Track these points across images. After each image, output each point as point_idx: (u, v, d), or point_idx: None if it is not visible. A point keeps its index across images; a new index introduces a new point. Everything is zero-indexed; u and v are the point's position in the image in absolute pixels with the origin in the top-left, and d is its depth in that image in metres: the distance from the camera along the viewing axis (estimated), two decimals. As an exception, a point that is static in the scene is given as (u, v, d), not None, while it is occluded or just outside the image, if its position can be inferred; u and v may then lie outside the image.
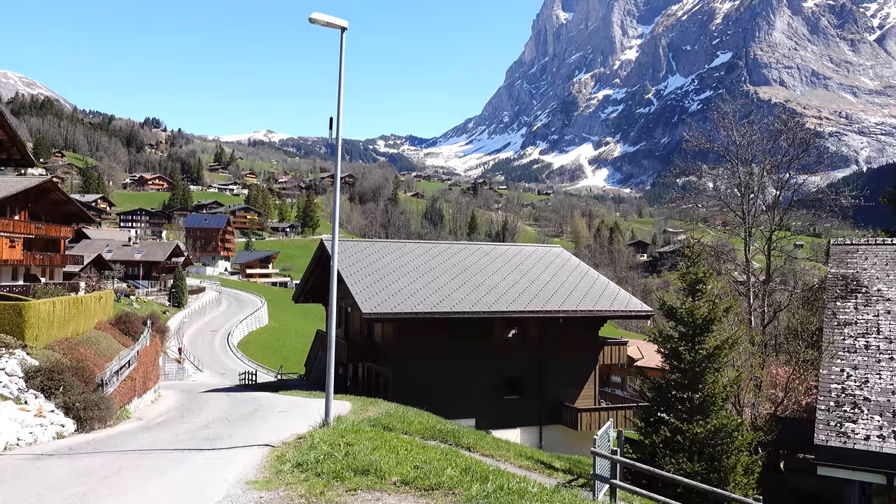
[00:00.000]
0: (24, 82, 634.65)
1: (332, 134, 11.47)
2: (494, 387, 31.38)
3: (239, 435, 13.35)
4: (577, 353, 32.79)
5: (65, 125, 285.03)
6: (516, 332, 32.98)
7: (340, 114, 11.48)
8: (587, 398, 33.25)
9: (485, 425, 30.52)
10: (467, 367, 30.62)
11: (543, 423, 32.39)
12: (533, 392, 32.08)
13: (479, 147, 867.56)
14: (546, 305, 31.45)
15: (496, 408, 31.25)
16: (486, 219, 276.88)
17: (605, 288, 34.64)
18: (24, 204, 63.18)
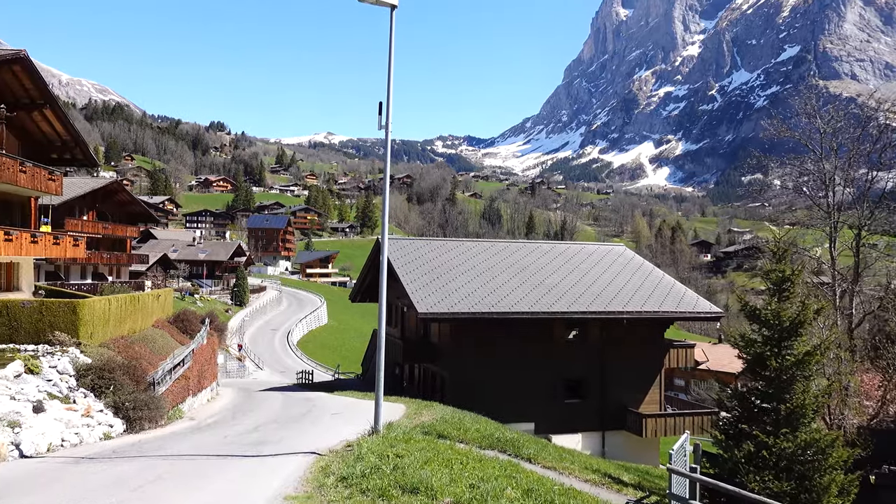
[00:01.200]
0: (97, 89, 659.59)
1: (381, 119, 10.67)
2: (554, 390, 30.27)
3: (287, 440, 12.69)
4: (641, 356, 31.37)
5: (134, 130, 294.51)
6: (577, 333, 31.77)
7: (390, 97, 10.66)
8: (652, 403, 31.78)
9: (544, 430, 29.47)
10: (526, 369, 29.61)
11: (606, 429, 31.07)
12: (595, 396, 30.83)
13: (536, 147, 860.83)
14: (609, 306, 30.15)
15: (556, 412, 30.12)
16: (544, 219, 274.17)
17: (670, 288, 33.07)
18: (92, 204, 64.79)
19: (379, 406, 10.81)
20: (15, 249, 28.81)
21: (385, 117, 10.67)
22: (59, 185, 32.92)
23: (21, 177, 29.27)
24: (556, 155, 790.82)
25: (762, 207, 27.10)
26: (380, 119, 10.64)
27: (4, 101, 29.14)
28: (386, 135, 10.68)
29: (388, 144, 10.71)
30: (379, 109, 10.63)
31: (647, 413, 30.19)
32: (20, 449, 11.26)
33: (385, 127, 10.68)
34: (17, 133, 31.84)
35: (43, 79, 30.02)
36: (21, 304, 19.14)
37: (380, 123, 10.67)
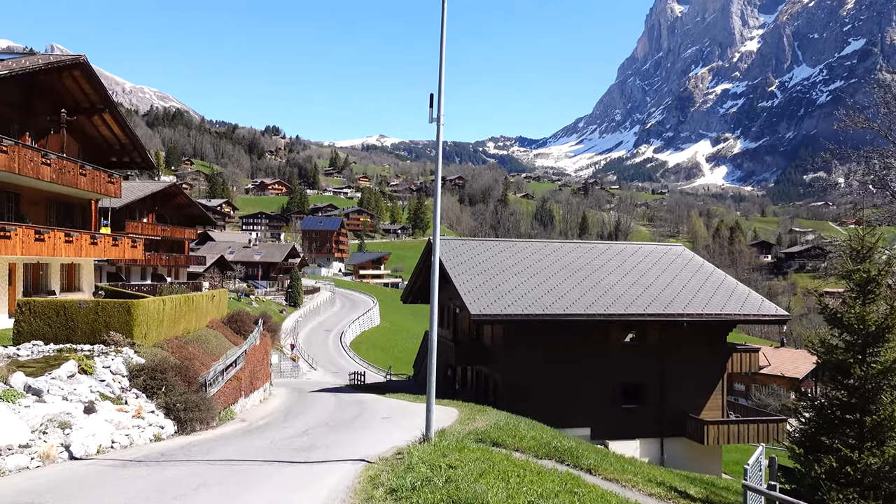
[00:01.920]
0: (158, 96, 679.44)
1: (433, 111, 10.17)
2: (611, 394, 29.39)
3: (336, 445, 12.31)
4: (702, 360, 30.21)
5: (193, 135, 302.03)
6: (634, 336, 30.80)
7: (442, 89, 10.16)
8: (714, 409, 30.57)
9: (601, 435, 28.66)
10: (582, 372, 28.82)
11: (665, 435, 30.04)
12: (653, 401, 29.82)
13: (589, 147, 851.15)
14: (668, 308, 29.12)
15: (613, 417, 29.24)
16: (597, 219, 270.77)
17: (733, 290, 31.77)
18: (152, 207, 66.26)
19: (431, 412, 10.31)
20: (75, 251, 29.36)
21: (437, 109, 10.17)
22: (117, 187, 33.50)
23: (81, 179, 29.83)
24: (610, 155, 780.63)
25: (826, 206, 25.60)
26: (431, 111, 10.15)
27: (65, 105, 29.75)
28: (437, 127, 10.18)
29: (439, 137, 10.21)
30: (430, 101, 10.14)
31: (709, 420, 29.05)
32: (70, 450, 11.14)
33: (437, 119, 10.18)
34: (78, 137, 32.51)
35: (102, 83, 30.57)
36: (77, 304, 19.32)
37: (431, 116, 10.17)
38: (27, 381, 12.91)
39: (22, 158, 25.09)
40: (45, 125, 29.68)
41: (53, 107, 29.45)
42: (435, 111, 10.20)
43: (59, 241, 27.89)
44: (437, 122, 10.19)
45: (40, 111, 29.17)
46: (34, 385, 12.80)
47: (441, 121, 10.19)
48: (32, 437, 11.08)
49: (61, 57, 27.60)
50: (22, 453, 10.27)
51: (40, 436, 11.31)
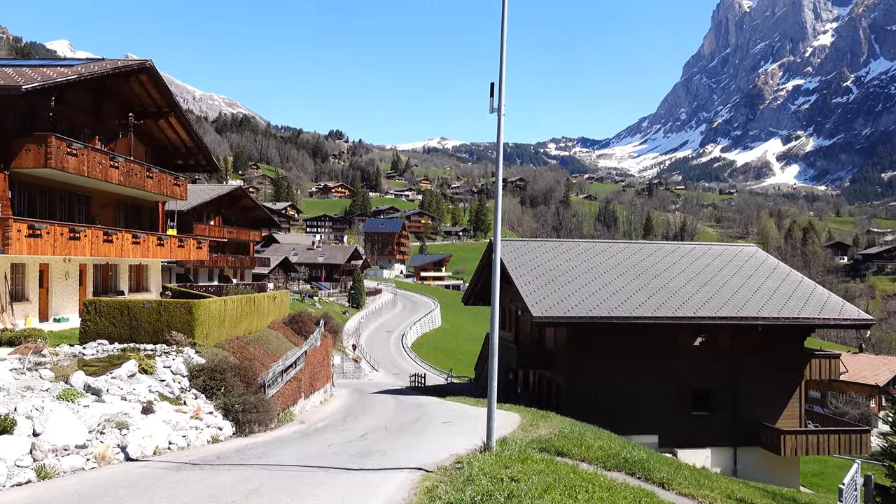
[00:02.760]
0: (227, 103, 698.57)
1: (493, 101, 9.62)
2: (680, 400, 28.24)
3: (393, 451, 11.87)
4: (778, 366, 28.76)
5: (259, 140, 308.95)
6: (704, 340, 29.56)
7: (503, 76, 9.60)
8: (791, 418, 29.04)
9: (669, 443, 27.57)
10: (649, 377, 27.78)
11: (738, 444, 28.71)
12: (725, 408, 28.54)
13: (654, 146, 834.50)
14: (740, 311, 27.81)
15: (682, 424, 28.09)
16: (662, 220, 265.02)
17: (810, 292, 30.14)
18: (218, 210, 67.67)
19: (492, 419, 9.75)
20: (142, 252, 29.90)
21: (498, 98, 9.62)
22: (183, 189, 34.05)
23: (148, 182, 30.38)
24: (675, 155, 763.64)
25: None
26: (492, 101, 9.60)
27: (133, 109, 30.36)
28: (499, 118, 9.61)
29: (500, 128, 9.64)
30: (491, 90, 9.59)
31: (786, 429, 27.59)
32: (126, 451, 11.02)
33: (497, 109, 9.62)
34: (146, 140, 33.18)
35: (168, 87, 31.09)
36: (141, 304, 19.49)
37: (492, 106, 9.62)
38: (87, 380, 12.92)
39: (91, 161, 25.66)
40: (114, 129, 30.37)
41: (122, 111, 30.11)
42: (496, 100, 9.65)
43: (127, 243, 28.46)
44: (499, 113, 9.63)
45: (109, 115, 29.86)
46: (94, 384, 12.79)
47: (502, 111, 9.63)
48: (89, 438, 11.00)
49: (129, 62, 28.17)
50: (78, 454, 10.17)
51: (97, 436, 11.23)
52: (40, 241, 22.69)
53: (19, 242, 21.63)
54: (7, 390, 11.67)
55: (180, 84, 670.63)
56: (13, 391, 11.74)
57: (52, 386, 12.59)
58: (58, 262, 26.34)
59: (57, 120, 26.14)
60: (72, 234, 24.41)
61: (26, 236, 21.99)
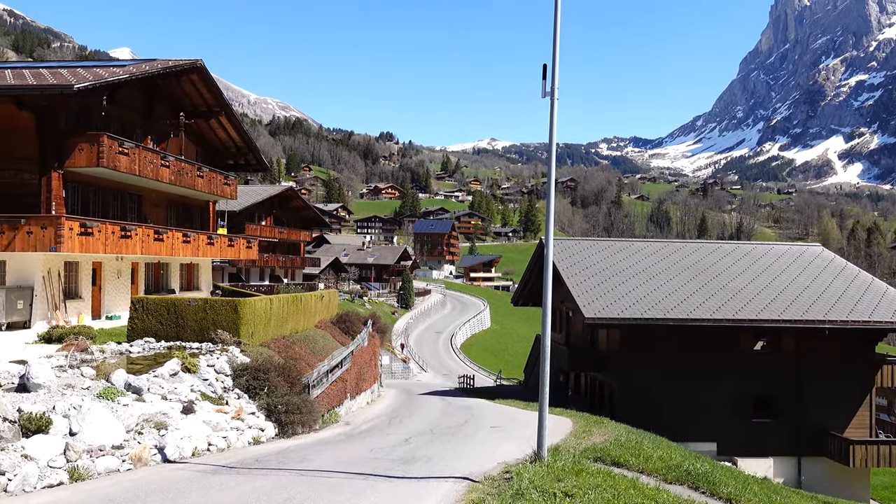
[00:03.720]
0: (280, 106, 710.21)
1: (546, 84, 8.96)
2: (740, 406, 27.03)
3: (438, 457, 11.29)
4: (846, 372, 27.27)
5: (311, 142, 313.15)
6: (766, 343, 28.25)
7: (557, 57, 8.92)
8: (860, 427, 27.48)
9: (729, 451, 26.40)
10: (707, 382, 26.65)
11: (802, 454, 27.31)
12: (789, 415, 27.20)
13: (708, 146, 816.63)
14: (806, 314, 26.45)
15: (742, 431, 26.87)
16: (717, 221, 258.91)
17: (882, 294, 28.55)
18: (270, 210, 68.33)
19: (543, 427, 9.08)
20: (192, 251, 30.04)
21: (551, 81, 8.95)
22: (233, 189, 34.18)
23: (199, 181, 30.52)
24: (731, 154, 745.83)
25: None
26: (544, 84, 8.94)
27: (183, 109, 30.54)
28: (551, 102, 8.95)
29: (553, 113, 8.96)
30: (543, 73, 8.93)
31: (856, 439, 26.07)
32: (164, 453, 10.70)
33: (550, 93, 8.96)
34: (196, 140, 33.40)
35: (218, 87, 31.20)
36: (187, 302, 19.38)
37: (544, 90, 8.96)
38: (128, 378, 12.70)
39: (142, 160, 25.82)
40: (166, 129, 30.61)
41: (173, 111, 30.32)
42: (549, 84, 8.98)
43: (177, 241, 28.61)
44: (552, 97, 8.96)
45: (161, 116, 30.10)
46: (135, 383, 12.56)
47: (556, 94, 8.95)
48: (127, 438, 10.72)
49: (179, 61, 28.30)
50: (113, 455, 9.87)
51: (135, 436, 10.95)
52: (91, 240, 22.86)
53: (71, 241, 21.81)
54: (48, 388, 11.50)
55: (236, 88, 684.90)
56: (54, 389, 11.58)
57: (92, 384, 12.40)
58: (110, 260, 26.59)
59: (109, 120, 26.39)
60: (123, 233, 24.58)
61: (78, 234, 22.17)
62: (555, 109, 8.91)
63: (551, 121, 8.98)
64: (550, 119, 8.97)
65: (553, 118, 8.99)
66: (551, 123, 9.00)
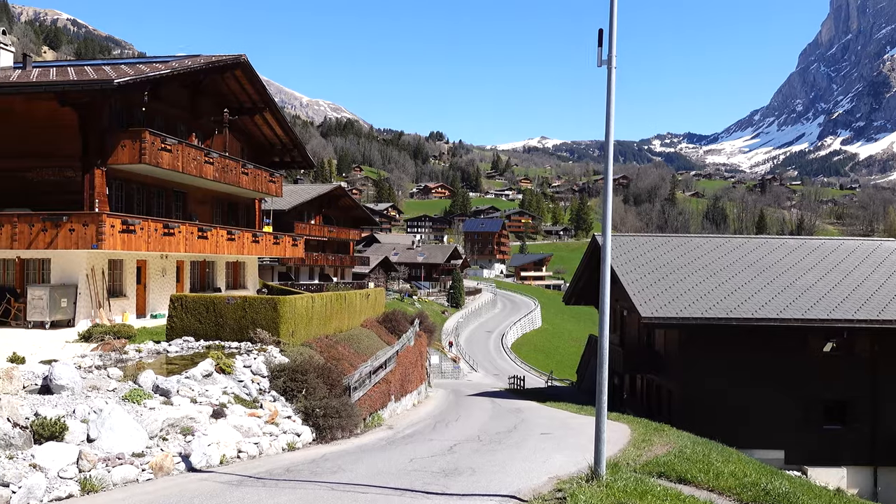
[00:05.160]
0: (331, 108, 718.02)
1: (602, 52, 7.89)
2: (809, 412, 25.30)
3: (483, 469, 10.30)
4: (928, 376, 25.24)
5: (362, 143, 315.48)
6: (837, 345, 26.41)
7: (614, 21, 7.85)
8: (943, 436, 25.43)
9: (797, 459, 24.75)
10: (772, 386, 25.04)
11: (879, 464, 25.41)
12: (864, 422, 25.37)
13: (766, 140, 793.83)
14: (883, 313, 24.65)
15: (812, 439, 25.14)
16: (776, 218, 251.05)
17: (966, 292, 26.36)
18: (319, 209, 68.29)
19: (601, 442, 8.00)
20: (237, 248, 29.70)
21: (608, 49, 7.87)
22: (278, 186, 33.80)
23: (243, 178, 30.18)
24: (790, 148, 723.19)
25: None
26: (600, 51, 7.87)
27: (228, 106, 30.23)
28: (609, 72, 7.88)
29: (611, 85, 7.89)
30: (599, 39, 7.86)
31: (940, 449, 24.08)
32: (189, 461, 9.97)
33: (608, 62, 7.89)
34: (241, 137, 33.12)
35: (262, 82, 30.81)
36: (226, 300, 18.84)
37: (600, 58, 7.89)
38: (157, 380, 12.05)
39: (185, 157, 25.51)
40: (211, 126, 30.37)
41: (218, 108, 30.05)
42: (605, 51, 7.91)
43: (222, 239, 28.27)
44: (609, 66, 7.89)
45: (205, 112, 29.86)
46: (163, 385, 11.90)
47: (613, 63, 7.88)
48: (150, 445, 10.03)
49: (222, 56, 27.96)
50: (132, 464, 9.16)
51: (159, 443, 10.26)
52: (134, 237, 22.58)
53: (112, 238, 21.54)
54: (72, 390, 10.92)
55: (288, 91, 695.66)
56: (77, 391, 10.99)
57: (119, 386, 11.80)
58: (155, 258, 26.38)
59: (153, 117, 26.21)
60: (165, 230, 24.28)
61: (119, 232, 21.90)
62: (612, 80, 7.84)
63: (608, 93, 7.92)
64: (608, 91, 7.91)
65: (611, 90, 7.92)
66: (608, 96, 7.93)
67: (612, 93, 7.88)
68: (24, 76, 23.28)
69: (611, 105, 7.91)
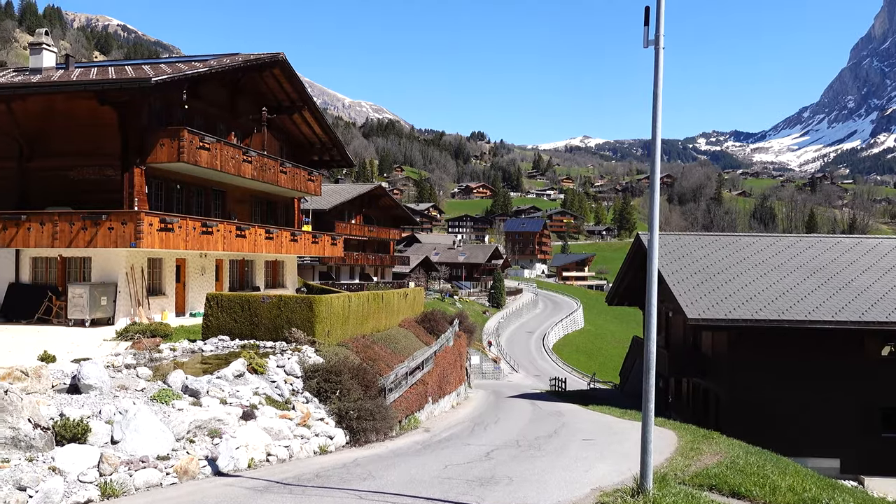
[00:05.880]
0: (373, 108, 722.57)
1: (648, 31, 7.30)
2: (866, 419, 24.09)
3: (521, 478, 9.76)
4: None
5: (403, 143, 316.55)
6: (894, 348, 25.13)
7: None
8: None
9: (854, 469, 23.59)
10: (827, 391, 23.91)
11: (943, 476, 24.03)
12: (927, 430, 23.99)
13: (816, 138, 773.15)
14: (946, 316, 23.26)
15: (870, 447, 23.92)
16: (827, 217, 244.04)
17: None
18: (359, 209, 68.32)
19: (648, 454, 7.40)
20: (276, 247, 29.61)
21: (654, 27, 7.28)
22: (317, 185, 33.67)
23: (282, 177, 30.09)
24: (841, 146, 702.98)
25: None
26: (646, 31, 7.28)
27: (266, 104, 30.17)
28: (656, 53, 7.29)
29: (658, 66, 7.30)
30: (645, 17, 7.27)
31: None
32: (215, 465, 9.64)
33: (655, 42, 7.29)
34: (280, 136, 33.07)
35: (301, 81, 30.68)
36: (261, 299, 18.62)
37: (646, 38, 7.30)
38: (186, 380, 11.79)
39: (223, 156, 25.45)
40: (249, 125, 30.35)
41: (256, 107, 30.01)
42: (652, 30, 7.31)
43: (260, 238, 28.19)
44: (656, 46, 7.29)
45: (244, 111, 29.84)
46: (192, 385, 11.64)
47: (661, 42, 7.28)
48: (176, 447, 9.73)
49: (260, 55, 27.87)
50: (155, 467, 8.85)
51: (186, 445, 9.96)
52: (172, 235, 22.56)
53: (150, 236, 21.54)
54: (100, 389, 10.71)
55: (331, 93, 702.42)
56: (106, 391, 10.77)
57: (147, 386, 11.57)
58: (194, 256, 26.41)
59: (193, 116, 26.23)
60: (204, 229, 24.24)
61: (158, 230, 21.89)
62: (660, 61, 7.24)
63: (656, 75, 7.32)
64: (655, 73, 7.31)
65: (658, 72, 7.32)
66: (656, 78, 7.33)
67: (659, 75, 7.27)
68: (66, 76, 23.47)
69: (658, 87, 7.31)
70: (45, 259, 23.58)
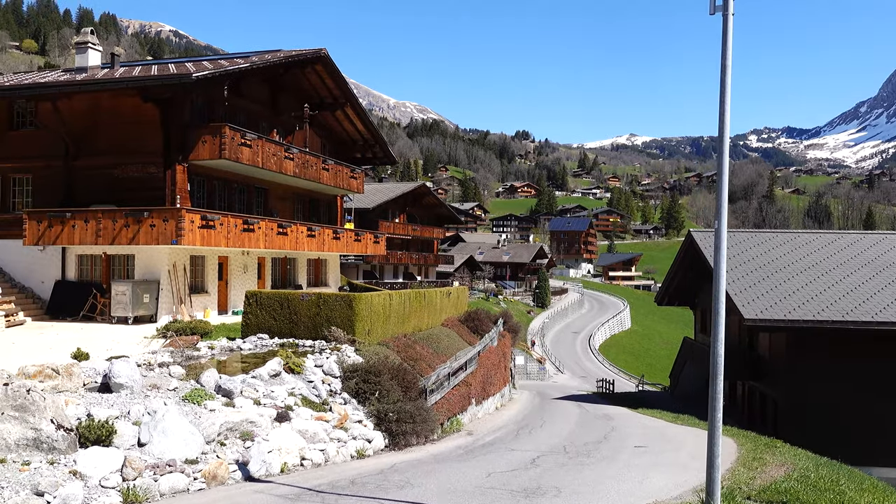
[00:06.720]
0: (418, 109, 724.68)
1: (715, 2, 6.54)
2: (940, 428, 22.57)
3: (570, 489, 9.06)
4: None
5: (448, 143, 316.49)
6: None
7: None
8: None
9: (924, 480, 22.09)
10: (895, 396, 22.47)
11: None
12: None
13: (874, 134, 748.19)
14: None
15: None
16: (886, 215, 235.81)
17: None
18: (403, 207, 68.05)
19: (715, 469, 6.64)
20: (318, 245, 29.34)
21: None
22: (360, 182, 33.33)
23: (324, 174, 29.81)
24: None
25: None
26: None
27: (309, 101, 29.93)
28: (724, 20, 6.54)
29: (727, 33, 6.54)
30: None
31: None
32: (246, 469, 9.18)
33: (723, 7, 6.53)
34: (322, 133, 32.84)
35: (343, 77, 30.37)
36: (300, 297, 18.25)
37: (713, 5, 6.55)
38: (219, 380, 11.39)
39: (265, 152, 25.24)
40: (292, 122, 30.15)
41: (298, 103, 29.78)
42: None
43: (302, 236, 27.94)
44: (724, 12, 6.54)
45: (287, 108, 29.64)
46: (225, 385, 11.22)
47: (730, 9, 6.52)
48: (206, 451, 9.29)
49: (302, 51, 27.61)
50: (183, 472, 8.41)
51: (216, 448, 9.53)
52: (213, 233, 22.40)
53: (192, 234, 21.39)
54: (130, 388, 10.35)
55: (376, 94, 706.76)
56: (137, 390, 10.42)
57: (179, 385, 11.19)
58: (236, 254, 26.27)
59: (235, 113, 26.11)
60: (245, 226, 24.04)
61: (199, 227, 21.73)
62: (729, 28, 6.48)
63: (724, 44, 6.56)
64: (723, 42, 6.55)
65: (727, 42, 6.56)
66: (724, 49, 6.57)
67: (728, 44, 6.51)
68: (110, 74, 23.51)
69: (727, 58, 6.55)
70: (90, 257, 23.68)
